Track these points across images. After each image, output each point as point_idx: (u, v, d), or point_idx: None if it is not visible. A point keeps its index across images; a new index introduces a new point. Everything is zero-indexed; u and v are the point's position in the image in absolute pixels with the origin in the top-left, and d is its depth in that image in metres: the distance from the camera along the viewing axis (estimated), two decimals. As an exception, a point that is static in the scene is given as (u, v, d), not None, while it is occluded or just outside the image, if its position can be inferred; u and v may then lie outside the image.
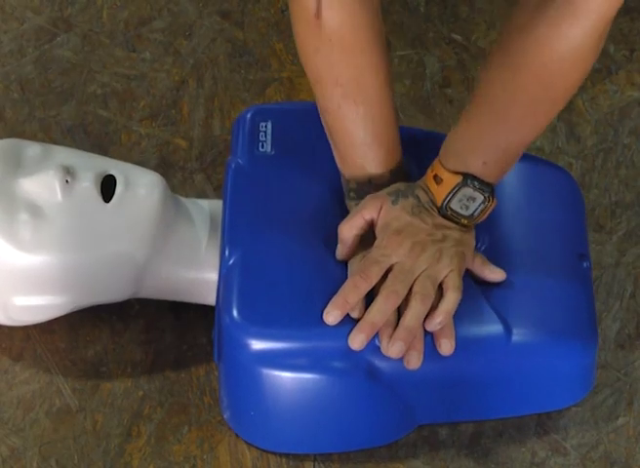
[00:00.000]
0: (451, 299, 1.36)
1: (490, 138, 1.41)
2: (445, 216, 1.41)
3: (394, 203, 1.42)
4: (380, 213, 1.41)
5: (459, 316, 1.37)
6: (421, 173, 1.45)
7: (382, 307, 1.34)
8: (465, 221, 1.42)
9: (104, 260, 1.44)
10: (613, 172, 1.67)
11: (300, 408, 1.40)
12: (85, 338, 1.54)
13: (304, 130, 1.52)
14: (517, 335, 1.36)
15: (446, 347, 1.35)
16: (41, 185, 1.42)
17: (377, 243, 1.41)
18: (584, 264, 1.45)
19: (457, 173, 1.39)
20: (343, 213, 1.45)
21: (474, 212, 1.40)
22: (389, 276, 1.36)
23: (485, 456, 1.45)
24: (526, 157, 1.53)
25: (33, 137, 1.51)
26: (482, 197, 1.39)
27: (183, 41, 1.78)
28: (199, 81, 1.76)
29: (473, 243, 1.44)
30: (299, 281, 1.39)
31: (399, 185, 1.44)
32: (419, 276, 1.37)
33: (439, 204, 1.40)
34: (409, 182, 1.45)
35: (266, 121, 1.52)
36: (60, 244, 1.41)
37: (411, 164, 1.50)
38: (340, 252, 1.44)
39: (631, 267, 1.59)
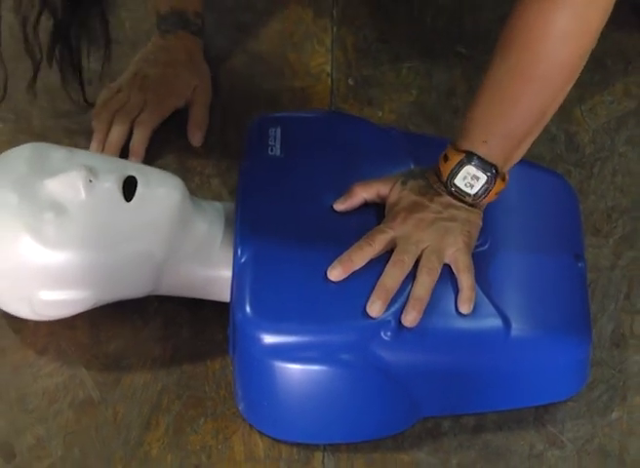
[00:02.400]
0: (466, 282, 1.40)
1: (490, 117, 1.44)
2: (451, 194, 1.44)
3: (404, 184, 1.46)
4: (391, 191, 1.45)
5: (458, 313, 1.39)
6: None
7: (392, 273, 1.39)
8: (470, 200, 1.45)
9: (125, 257, 1.44)
10: (609, 179, 1.67)
11: (310, 399, 1.41)
12: (106, 334, 1.54)
13: (311, 135, 1.54)
14: (516, 330, 1.38)
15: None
16: (65, 185, 1.41)
17: (385, 220, 1.45)
18: (580, 264, 1.47)
19: (461, 150, 1.42)
20: (350, 212, 1.46)
21: (478, 191, 1.43)
22: (396, 248, 1.41)
23: (486, 448, 1.46)
24: (526, 164, 1.56)
25: (59, 143, 1.51)
26: (485, 177, 1.42)
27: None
28: (216, 91, 1.76)
29: (480, 224, 1.47)
30: (308, 278, 1.39)
31: (414, 169, 1.50)
32: (424, 250, 1.40)
33: (444, 180, 1.43)
34: None
35: (275, 127, 1.52)
36: (83, 241, 1.41)
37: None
38: (341, 202, 1.48)
39: (626, 270, 1.59)
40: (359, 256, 1.40)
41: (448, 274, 1.41)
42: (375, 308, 1.37)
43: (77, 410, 1.49)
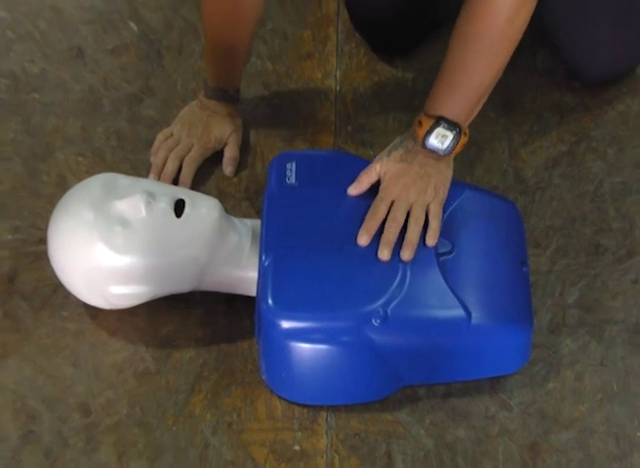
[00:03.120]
0: (434, 225, 1.44)
1: (454, 84, 1.45)
2: (426, 152, 1.46)
3: (388, 155, 1.48)
4: (380, 166, 1.46)
5: (432, 305, 1.39)
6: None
7: (390, 228, 1.41)
8: (442, 153, 1.46)
9: (176, 261, 1.44)
10: (547, 204, 1.65)
11: (317, 371, 1.41)
12: (160, 320, 1.53)
13: (319, 168, 1.53)
14: (476, 319, 1.37)
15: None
16: (130, 205, 1.41)
17: (380, 187, 1.47)
18: (524, 269, 1.46)
19: (432, 116, 1.44)
20: (350, 226, 1.44)
21: (448, 146, 1.45)
22: (392, 208, 1.43)
23: (452, 410, 1.45)
24: (484, 192, 1.57)
25: (125, 173, 1.51)
26: (452, 134, 1.44)
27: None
28: (246, 134, 1.75)
29: (450, 175, 1.49)
30: (316, 277, 1.39)
31: (395, 140, 1.50)
32: (412, 204, 1.42)
33: (420, 141, 1.44)
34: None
35: (291, 162, 1.51)
36: (144, 248, 1.41)
37: None
38: (354, 188, 1.48)
39: (560, 274, 1.58)
40: (375, 223, 1.42)
41: (422, 277, 1.41)
42: (384, 254, 1.40)
43: (138, 379, 1.49)
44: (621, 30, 1.70)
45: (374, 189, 1.48)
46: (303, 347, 1.38)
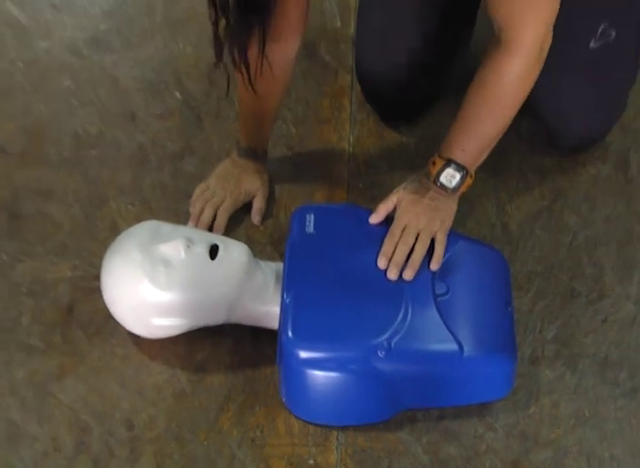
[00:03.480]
0: (438, 251, 1.45)
1: (465, 135, 1.46)
2: (437, 188, 1.47)
3: (404, 188, 1.50)
4: (396, 195, 1.48)
5: (429, 340, 1.39)
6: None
7: (400, 251, 1.43)
8: (450, 191, 1.48)
9: (210, 297, 1.43)
10: (529, 252, 1.65)
11: (329, 395, 1.41)
12: (195, 348, 1.53)
13: (334, 219, 1.54)
14: (467, 352, 1.36)
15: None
16: (172, 248, 1.42)
17: (396, 215, 1.49)
18: (509, 309, 1.46)
19: (444, 158, 1.45)
20: (360, 271, 1.45)
21: (456, 185, 1.47)
22: (404, 233, 1.45)
23: (445, 430, 1.45)
24: (475, 242, 1.56)
25: (168, 221, 1.52)
26: (459, 175, 1.46)
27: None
28: (271, 189, 1.75)
29: (455, 210, 1.51)
30: (330, 313, 1.39)
31: (412, 176, 1.53)
32: (421, 231, 1.44)
33: (432, 178, 1.46)
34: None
35: (310, 214, 1.51)
36: (183, 286, 1.41)
37: None
38: (374, 218, 1.50)
39: (539, 313, 1.57)
40: (391, 245, 1.44)
41: (421, 315, 1.41)
42: (393, 273, 1.42)
43: (175, 398, 1.49)
44: (592, 107, 1.71)
45: (381, 240, 1.47)
46: (318, 374, 1.38)
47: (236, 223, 1.71)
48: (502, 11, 1.37)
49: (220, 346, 1.54)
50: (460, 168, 1.48)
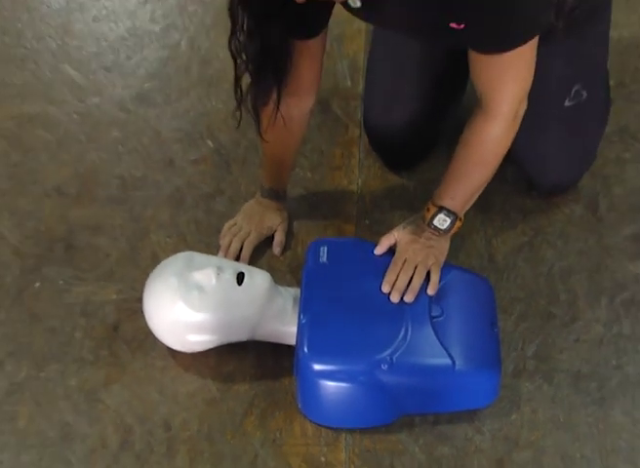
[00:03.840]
0: (434, 279, 1.46)
1: (455, 185, 1.48)
2: (431, 230, 1.49)
3: (404, 228, 1.52)
4: (397, 233, 1.50)
5: (426, 355, 1.39)
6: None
7: (401, 280, 1.44)
8: (442, 233, 1.50)
9: (236, 318, 1.44)
10: (512, 281, 1.65)
11: (339, 402, 1.41)
12: (224, 361, 1.53)
13: (344, 250, 1.54)
14: (459, 367, 1.37)
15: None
16: (204, 275, 1.43)
17: (397, 250, 1.50)
18: (495, 329, 1.46)
19: (437, 206, 1.47)
20: (366, 295, 1.45)
21: (447, 227, 1.49)
22: (404, 265, 1.46)
23: (439, 433, 1.45)
24: (464, 271, 1.56)
25: (201, 252, 1.52)
26: (450, 219, 1.48)
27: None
28: (290, 224, 1.75)
29: (447, 247, 1.52)
30: (341, 332, 1.39)
31: (410, 218, 1.55)
32: (418, 264, 1.45)
33: (427, 222, 1.48)
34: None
35: (324, 246, 1.52)
36: (214, 308, 1.42)
37: None
38: (378, 250, 1.51)
39: (521, 334, 1.57)
40: (393, 275, 1.45)
41: (419, 334, 1.41)
42: (395, 297, 1.43)
43: (206, 404, 1.50)
44: (566, 160, 1.71)
45: (384, 269, 1.48)
46: (330, 384, 1.38)
47: (260, 254, 1.71)
48: (483, 77, 1.39)
49: (245, 360, 1.54)
50: (450, 213, 1.49)
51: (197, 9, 2.25)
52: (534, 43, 1.32)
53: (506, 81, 1.37)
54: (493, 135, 1.43)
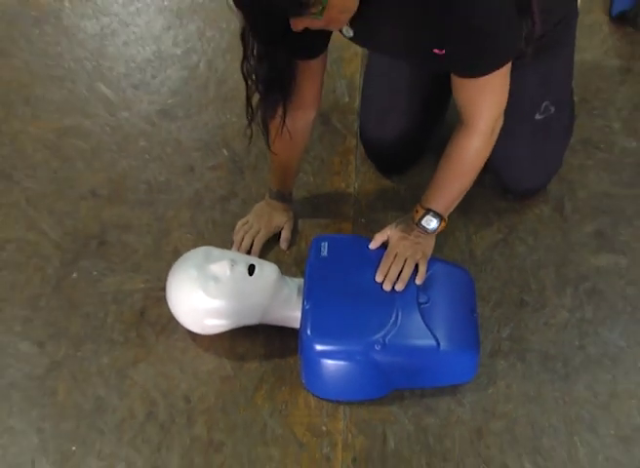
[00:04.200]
0: (421, 270, 1.47)
1: (440, 191, 1.49)
2: (419, 229, 1.49)
3: (395, 226, 1.52)
4: (389, 231, 1.49)
5: (414, 337, 1.38)
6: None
7: (393, 271, 1.44)
8: (429, 231, 1.50)
9: (248, 305, 1.44)
10: (489, 272, 1.64)
11: (338, 378, 1.41)
12: (237, 342, 1.53)
13: (343, 245, 1.53)
14: (443, 347, 1.37)
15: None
16: (220, 267, 1.42)
17: (388, 246, 1.49)
18: (474, 315, 1.46)
19: (425, 208, 1.47)
20: (362, 284, 1.44)
21: (433, 227, 1.50)
22: (395, 259, 1.46)
23: (426, 405, 1.45)
24: (448, 264, 1.55)
25: (217, 247, 1.52)
26: (436, 220, 1.49)
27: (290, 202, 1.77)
28: (295, 222, 1.74)
29: (433, 244, 1.52)
30: (339, 317, 1.39)
31: (401, 218, 1.54)
32: (408, 258, 1.46)
33: (415, 222, 1.48)
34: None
35: (324, 242, 1.51)
36: (228, 296, 1.41)
37: None
38: (373, 245, 1.51)
39: (497, 318, 1.57)
40: (386, 267, 1.45)
41: (408, 318, 1.40)
42: (387, 286, 1.43)
43: (221, 380, 1.49)
44: (535, 169, 1.71)
45: (378, 262, 1.47)
46: (330, 362, 1.38)
47: (269, 249, 1.70)
48: (463, 97, 1.39)
49: (256, 341, 1.54)
50: (436, 215, 1.49)
51: (214, 34, 2.24)
52: (507, 68, 1.32)
53: (483, 100, 1.38)
54: (472, 149, 1.43)
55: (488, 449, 1.40)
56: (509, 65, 1.33)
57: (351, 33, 1.36)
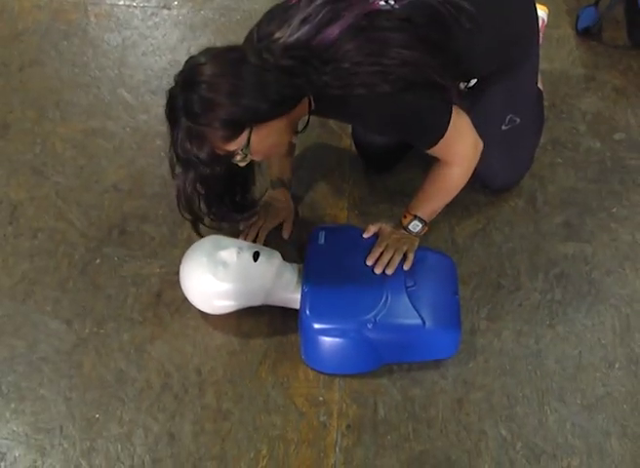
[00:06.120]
0: (410, 257, 1.46)
1: (425, 203, 1.50)
2: (406, 231, 1.50)
3: (386, 223, 1.51)
4: (381, 225, 1.49)
5: (402, 316, 1.36)
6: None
7: (384, 258, 1.44)
8: (414, 234, 1.51)
9: (253, 288, 1.42)
10: (470, 259, 1.62)
11: (334, 354, 1.40)
12: (244, 321, 1.50)
13: (338, 234, 1.52)
14: (428, 326, 1.36)
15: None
16: (228, 254, 1.41)
17: (379, 238, 1.49)
18: (456, 296, 1.44)
19: (412, 214, 1.48)
20: (357, 269, 1.43)
21: (418, 231, 1.51)
22: (386, 248, 1.46)
23: (412, 378, 1.43)
24: (433, 251, 1.54)
25: (226, 236, 1.51)
26: (421, 225, 1.50)
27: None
28: (296, 215, 1.70)
29: (417, 242, 1.51)
30: (335, 298, 1.38)
31: (390, 223, 1.53)
32: (396, 249, 1.46)
33: (403, 226, 1.48)
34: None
35: (322, 231, 1.50)
36: (235, 279, 1.40)
37: None
38: (366, 234, 1.50)
39: (476, 300, 1.55)
40: (376, 253, 1.45)
41: (397, 300, 1.39)
42: (378, 270, 1.42)
43: (230, 355, 1.48)
44: (507, 170, 1.70)
45: (370, 249, 1.46)
46: (327, 340, 1.37)
47: (272, 238, 1.67)
48: (435, 154, 1.41)
49: (260, 320, 1.52)
50: (421, 221, 1.50)
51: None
52: (455, 119, 1.33)
53: (454, 151, 1.40)
54: (454, 175, 1.45)
55: (468, 417, 1.38)
56: (459, 112, 1.34)
57: (300, 127, 1.36)
